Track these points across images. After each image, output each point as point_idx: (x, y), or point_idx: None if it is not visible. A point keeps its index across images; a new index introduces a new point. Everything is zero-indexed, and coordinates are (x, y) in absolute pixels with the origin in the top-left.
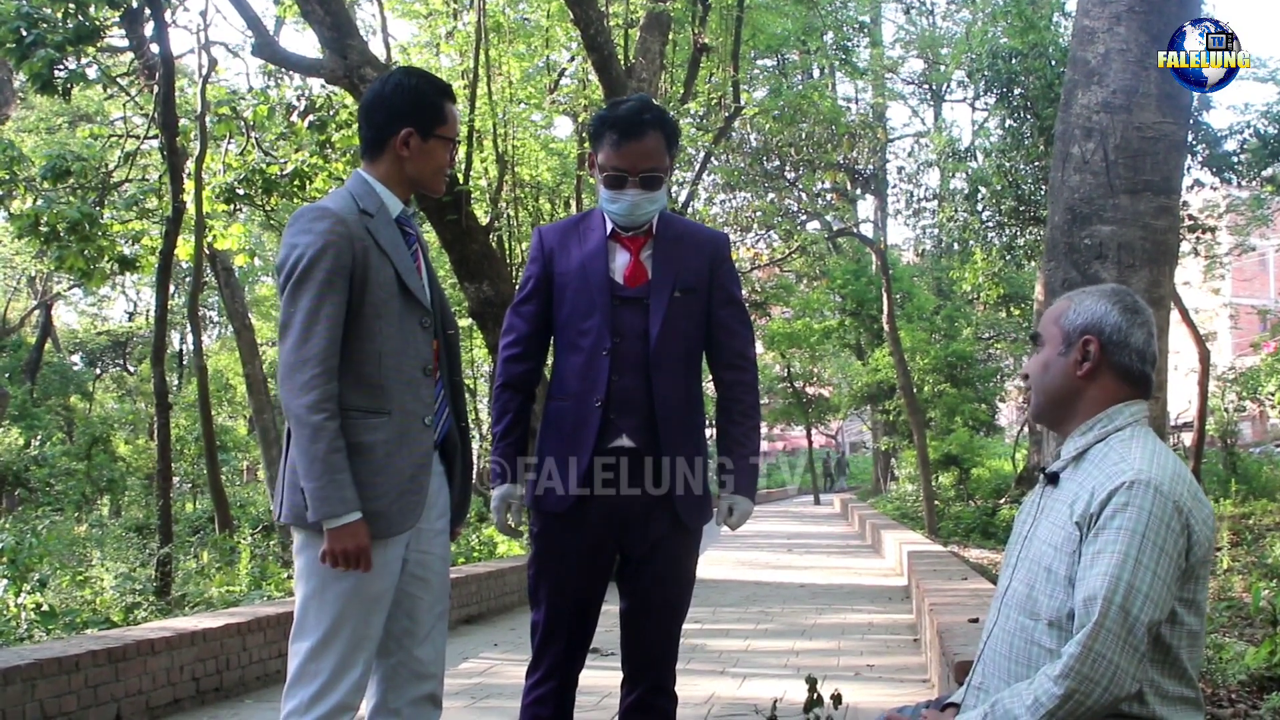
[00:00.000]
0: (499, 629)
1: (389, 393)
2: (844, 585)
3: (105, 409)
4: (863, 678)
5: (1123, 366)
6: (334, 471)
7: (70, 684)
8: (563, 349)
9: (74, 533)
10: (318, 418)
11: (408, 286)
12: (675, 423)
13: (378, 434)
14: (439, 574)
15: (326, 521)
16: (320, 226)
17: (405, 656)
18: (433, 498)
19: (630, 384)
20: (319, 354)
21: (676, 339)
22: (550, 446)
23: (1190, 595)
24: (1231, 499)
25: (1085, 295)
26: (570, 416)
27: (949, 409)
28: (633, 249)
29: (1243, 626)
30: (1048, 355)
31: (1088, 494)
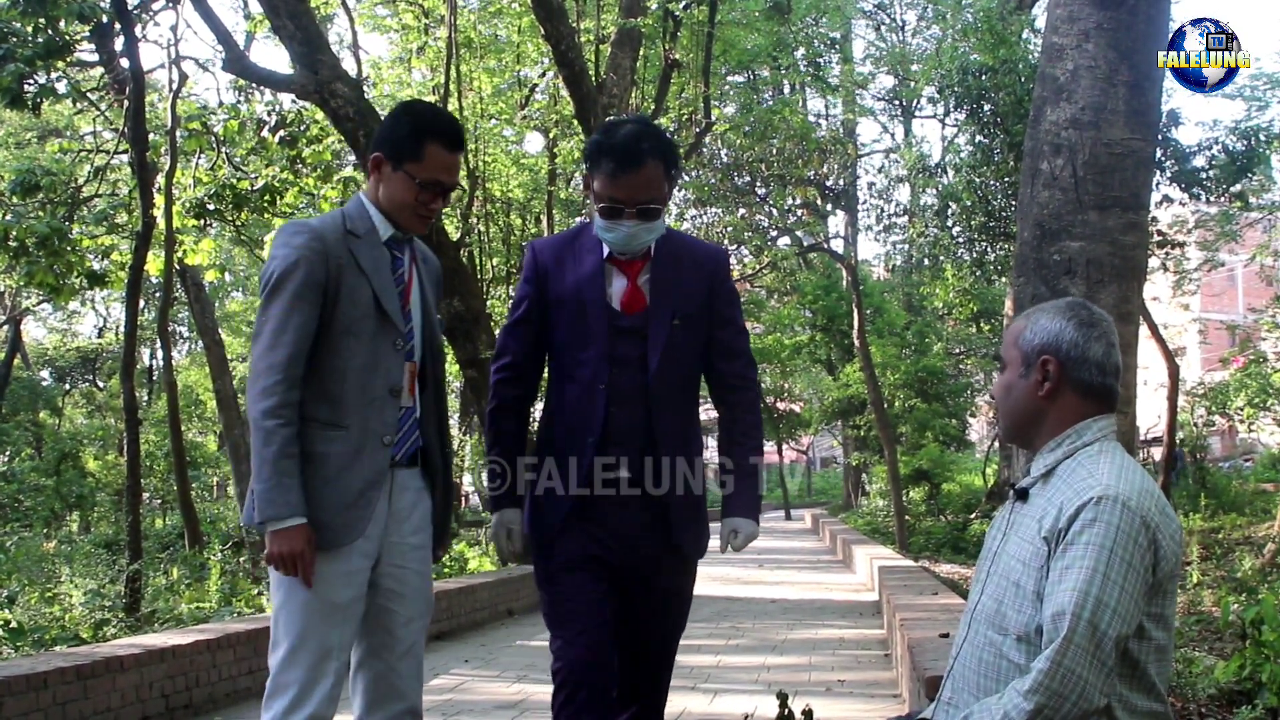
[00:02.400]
0: (470, 645)
1: (349, 408)
2: (815, 600)
3: (74, 424)
4: (834, 693)
5: (1083, 383)
6: (281, 475)
7: (38, 701)
8: (558, 374)
9: (43, 549)
10: (272, 423)
11: (384, 308)
12: (677, 451)
13: (333, 446)
14: (415, 588)
15: (270, 524)
16: (297, 241)
17: (383, 670)
18: (406, 511)
19: (628, 417)
20: (282, 362)
21: (675, 367)
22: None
23: (1158, 610)
24: (1201, 513)
25: (1041, 313)
26: (563, 448)
27: (919, 424)
28: (630, 273)
29: (1212, 640)
30: (1009, 378)
31: (1056, 509)
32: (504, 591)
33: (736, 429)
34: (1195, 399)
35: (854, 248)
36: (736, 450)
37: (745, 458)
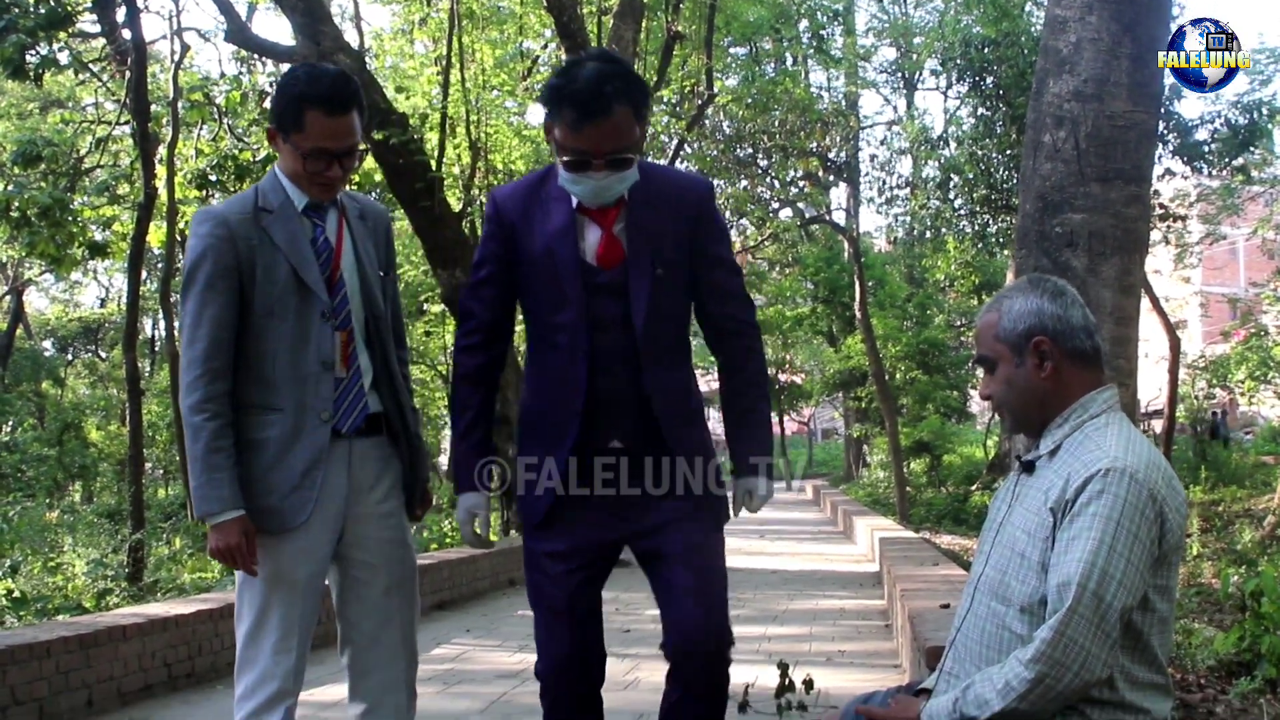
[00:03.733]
0: (471, 614)
1: (282, 390)
2: (816, 571)
3: (77, 395)
4: (834, 663)
5: (1078, 352)
6: (211, 470)
7: (41, 670)
8: (535, 342)
9: (46, 519)
10: (197, 419)
11: (304, 281)
12: (674, 416)
13: (271, 430)
14: (390, 556)
15: (206, 519)
16: (201, 230)
17: (366, 642)
18: (370, 481)
19: (616, 383)
20: (200, 356)
21: (664, 322)
22: (526, 445)
23: (1162, 581)
24: (1201, 485)
25: (1008, 300)
26: (547, 421)
27: (921, 396)
28: (604, 222)
29: (1212, 612)
30: (1005, 372)
31: (1062, 481)
32: (505, 561)
33: (738, 378)
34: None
35: (856, 220)
36: (741, 400)
37: (751, 410)
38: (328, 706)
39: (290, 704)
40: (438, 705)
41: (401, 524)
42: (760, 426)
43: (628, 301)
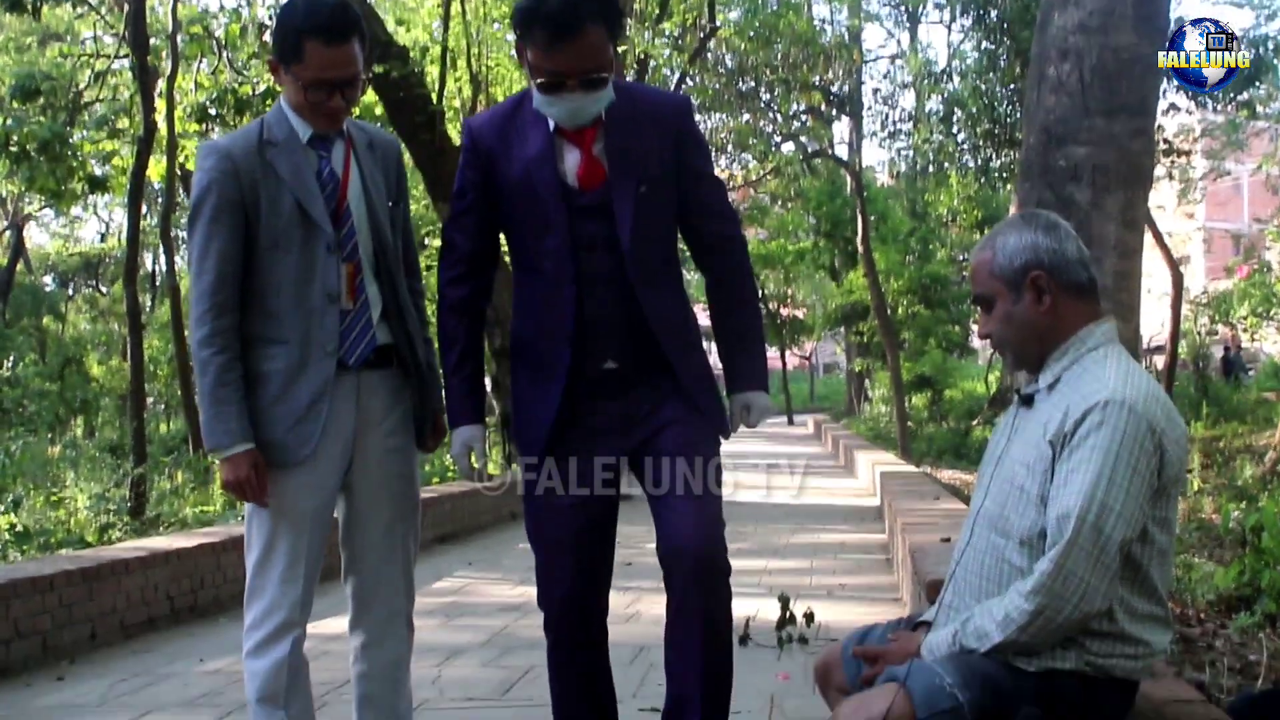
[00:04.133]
0: (473, 548)
1: (288, 322)
2: (817, 505)
3: (78, 330)
4: (835, 596)
5: (1074, 284)
6: (220, 404)
7: (44, 603)
8: (520, 269)
9: (48, 453)
10: (205, 353)
11: (309, 213)
12: (671, 337)
13: (276, 363)
14: (394, 492)
15: (216, 452)
16: (206, 164)
17: (368, 576)
18: (379, 415)
19: (606, 305)
20: (207, 290)
21: (651, 242)
22: (519, 377)
23: (1162, 513)
24: (1203, 421)
25: (1001, 237)
26: (538, 349)
27: (923, 330)
28: (582, 143)
29: (1212, 547)
30: (1004, 309)
31: (1061, 413)
32: (507, 495)
33: (727, 294)
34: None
35: (858, 154)
36: (731, 317)
37: (743, 325)
38: (330, 639)
39: (298, 634)
40: (439, 638)
41: (408, 459)
42: (753, 342)
43: (612, 222)
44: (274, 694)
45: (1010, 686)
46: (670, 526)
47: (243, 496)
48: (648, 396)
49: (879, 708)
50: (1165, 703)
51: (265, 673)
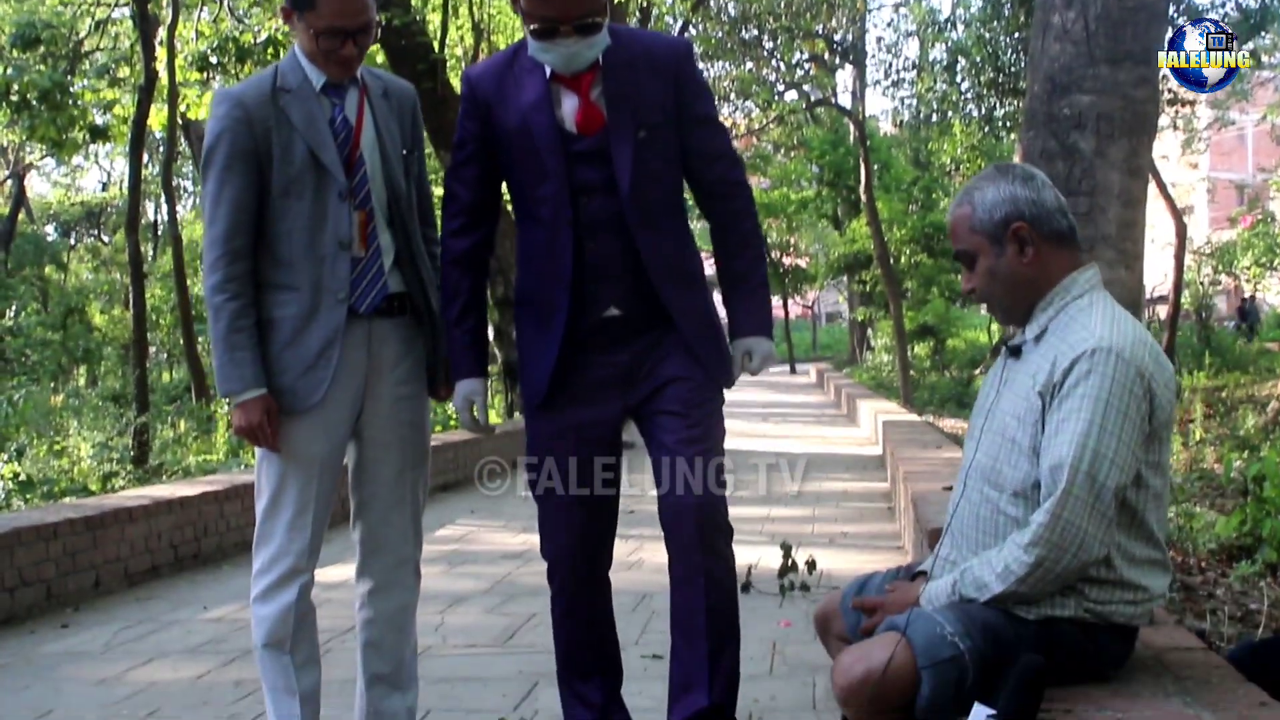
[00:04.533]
0: (475, 496)
1: (299, 269)
2: (820, 454)
3: (80, 279)
4: (837, 544)
5: (1056, 233)
6: (233, 350)
7: (49, 551)
8: (521, 219)
9: (51, 403)
10: (218, 299)
11: (321, 161)
12: (671, 280)
13: (287, 309)
14: (405, 440)
15: (229, 398)
16: (219, 112)
17: (376, 522)
18: (391, 362)
19: (606, 250)
20: (220, 237)
21: (651, 185)
22: (522, 327)
23: (1154, 458)
24: (1205, 371)
25: (978, 191)
26: (538, 298)
27: (925, 280)
28: (579, 89)
29: (1214, 497)
30: (987, 264)
31: (1049, 364)
32: (510, 443)
33: (730, 239)
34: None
35: (862, 103)
36: (735, 262)
37: (747, 269)
38: (334, 586)
39: (304, 581)
40: (442, 585)
41: (419, 408)
42: (756, 286)
43: (611, 167)
44: (280, 639)
45: (1010, 635)
46: (670, 489)
47: (255, 441)
48: (650, 348)
49: (880, 657)
50: (1165, 650)
51: (271, 618)
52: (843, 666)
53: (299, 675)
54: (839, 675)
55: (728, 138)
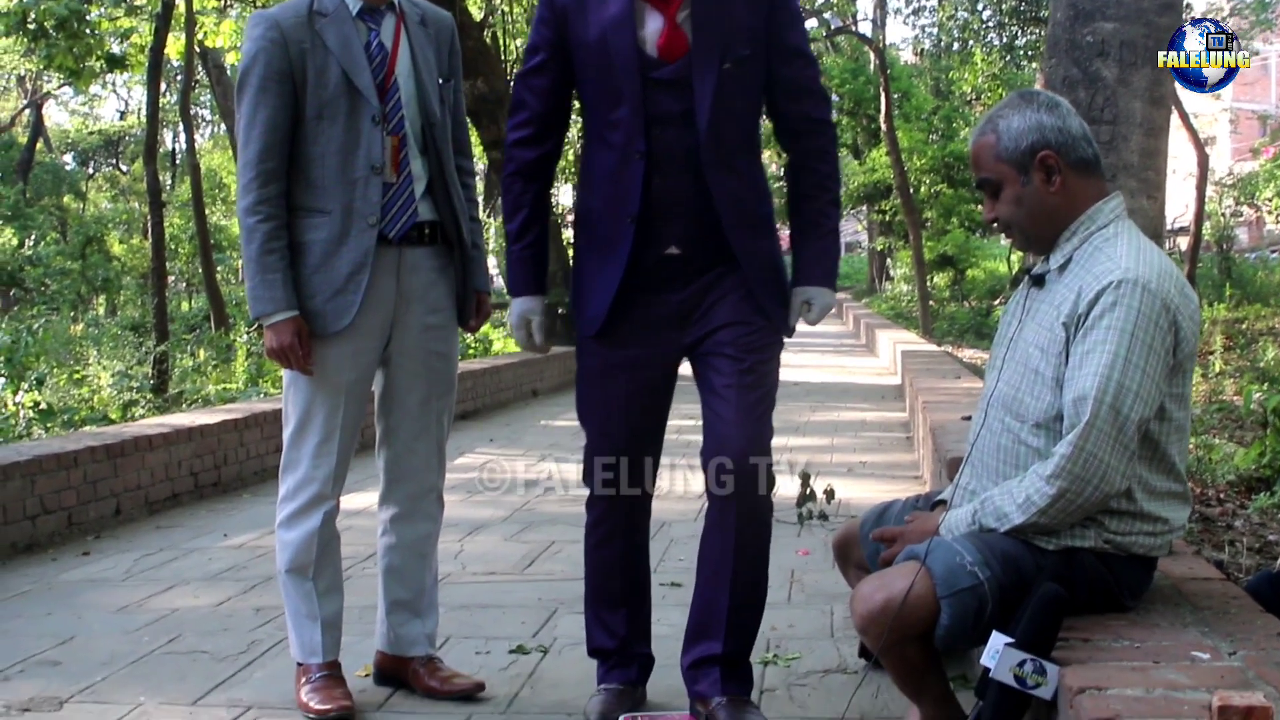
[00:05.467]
0: (494, 424)
1: (331, 193)
2: (838, 384)
3: (99, 208)
4: (855, 473)
5: (1082, 161)
6: (265, 271)
7: (69, 479)
8: (590, 137)
9: (70, 332)
10: (251, 220)
11: (356, 85)
12: (739, 221)
13: (318, 233)
14: (432, 369)
15: (262, 320)
16: (255, 33)
17: (401, 450)
18: (420, 291)
19: (675, 186)
20: (254, 158)
21: (730, 121)
22: (581, 251)
23: (1178, 390)
24: (1225, 303)
25: (1003, 119)
26: (601, 224)
27: (945, 210)
28: (667, 11)
29: (1233, 429)
30: (1013, 192)
31: (1074, 295)
32: (528, 372)
33: (807, 181)
34: (1224, 189)
35: (882, 31)
36: (807, 206)
37: (819, 214)
38: (356, 513)
39: (329, 508)
40: (461, 513)
41: (448, 337)
42: (828, 233)
43: (690, 97)
44: (303, 565)
45: (1030, 565)
46: (717, 438)
47: (285, 364)
48: (708, 289)
49: (900, 586)
50: (1184, 580)
51: (295, 544)
52: (862, 595)
53: (321, 602)
54: (858, 604)
55: (818, 71)
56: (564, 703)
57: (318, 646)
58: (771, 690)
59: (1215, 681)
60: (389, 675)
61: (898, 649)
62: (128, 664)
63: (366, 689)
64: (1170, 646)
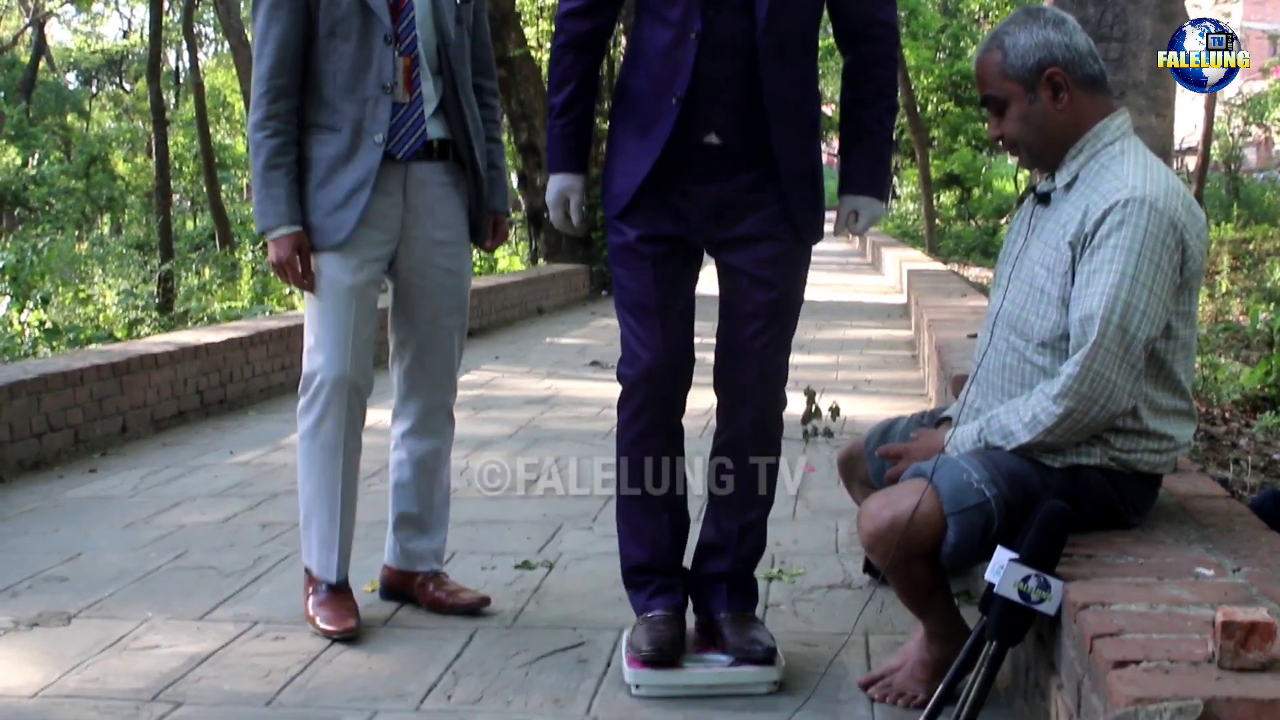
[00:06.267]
0: (499, 342)
1: (341, 111)
2: (844, 302)
3: (102, 127)
4: (860, 391)
5: (1089, 78)
6: (269, 186)
7: (75, 397)
8: (642, 11)
9: (75, 251)
10: (259, 135)
11: (368, 4)
12: (785, 117)
13: (326, 149)
14: (441, 285)
15: (266, 234)
16: None
17: (412, 365)
18: (428, 207)
19: (725, 71)
20: (265, 73)
21: (790, 13)
22: (617, 130)
23: (1184, 308)
24: (1233, 223)
25: (1009, 36)
26: (643, 103)
27: (952, 128)
28: None
29: (1239, 348)
30: (1020, 110)
31: (1080, 213)
32: (533, 290)
33: (866, 86)
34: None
35: None
36: (864, 112)
37: (874, 122)
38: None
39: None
40: (467, 430)
41: (458, 255)
42: (881, 142)
43: None
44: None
45: (1036, 482)
46: (732, 364)
47: (284, 278)
48: (742, 193)
49: (907, 504)
50: (1188, 498)
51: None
52: (869, 513)
53: (342, 522)
54: (865, 521)
55: None
56: (570, 617)
57: (333, 566)
58: (776, 605)
59: (1219, 598)
60: (395, 590)
61: (904, 566)
62: (135, 580)
63: (373, 604)
64: (1174, 563)
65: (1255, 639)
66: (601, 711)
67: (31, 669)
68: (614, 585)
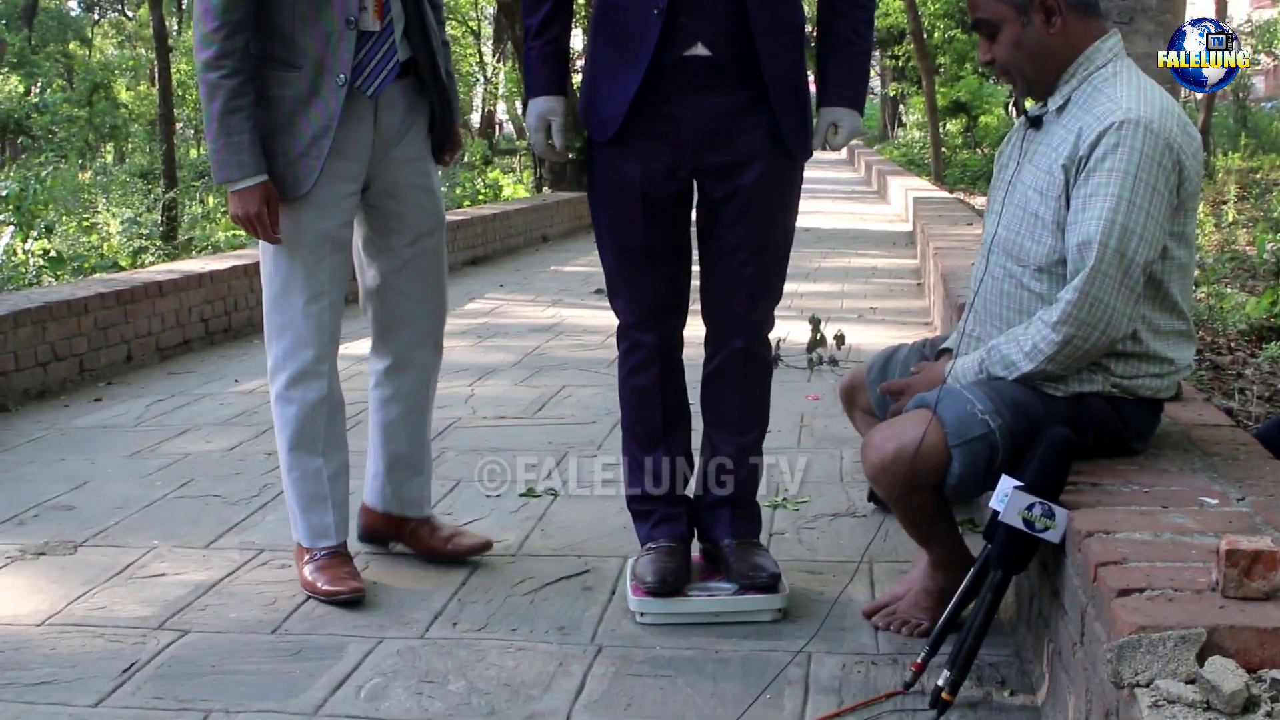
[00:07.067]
0: (504, 270)
1: (301, 47)
2: (850, 230)
3: (105, 55)
4: (865, 319)
5: (1081, 2)
6: (230, 133)
7: (80, 326)
8: None
9: (79, 179)
10: (213, 75)
11: None
12: (770, 24)
13: (287, 89)
14: (416, 204)
15: (227, 185)
16: None
17: (393, 296)
18: (396, 130)
19: None
20: (218, 6)
21: None
22: (599, 50)
23: (1180, 229)
24: (1240, 153)
25: None
26: (624, 18)
27: (959, 56)
28: None
29: (1245, 278)
30: (1012, 34)
31: (1074, 136)
32: (538, 218)
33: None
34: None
35: None
36: (842, 22)
37: (851, 32)
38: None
39: (329, 370)
40: (471, 358)
41: (428, 170)
42: (859, 55)
43: None
44: (310, 440)
45: (1040, 411)
46: (721, 297)
47: (252, 232)
48: (731, 115)
49: (911, 435)
50: (1193, 426)
51: (298, 418)
52: (874, 444)
53: (332, 481)
54: (870, 453)
55: None
56: (574, 545)
57: (330, 528)
58: (781, 533)
59: (1223, 526)
60: (378, 534)
61: (908, 497)
62: (141, 508)
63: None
64: (1179, 491)
65: (1259, 568)
66: (606, 639)
67: (38, 597)
68: (619, 513)
